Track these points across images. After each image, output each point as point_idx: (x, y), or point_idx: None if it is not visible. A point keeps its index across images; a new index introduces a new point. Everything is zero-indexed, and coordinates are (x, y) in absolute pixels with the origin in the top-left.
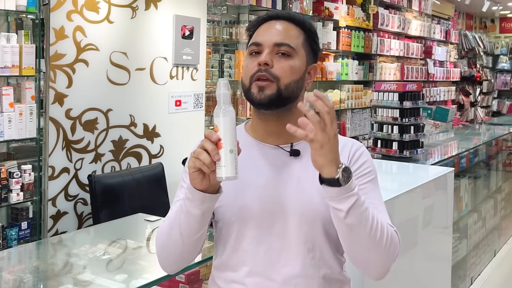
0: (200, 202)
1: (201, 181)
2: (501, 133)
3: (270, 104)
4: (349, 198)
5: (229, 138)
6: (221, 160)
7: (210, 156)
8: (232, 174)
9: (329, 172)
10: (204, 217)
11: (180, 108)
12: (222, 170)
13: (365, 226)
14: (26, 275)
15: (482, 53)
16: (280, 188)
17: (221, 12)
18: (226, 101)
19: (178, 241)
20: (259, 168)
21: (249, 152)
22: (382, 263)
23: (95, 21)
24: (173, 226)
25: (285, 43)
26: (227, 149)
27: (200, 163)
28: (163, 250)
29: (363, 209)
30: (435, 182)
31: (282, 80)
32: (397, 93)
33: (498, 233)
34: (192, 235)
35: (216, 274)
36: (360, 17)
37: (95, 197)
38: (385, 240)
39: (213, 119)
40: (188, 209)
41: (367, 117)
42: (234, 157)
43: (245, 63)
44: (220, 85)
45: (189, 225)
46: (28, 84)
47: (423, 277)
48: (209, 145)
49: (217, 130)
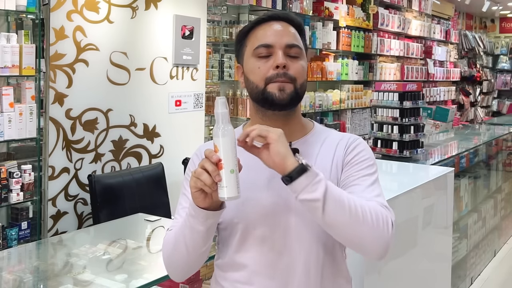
0: (203, 220)
1: (203, 200)
2: (501, 133)
3: (290, 103)
4: (320, 183)
5: (230, 158)
6: (222, 181)
7: (211, 177)
8: (234, 195)
9: (293, 160)
10: (209, 232)
11: (180, 108)
12: (224, 191)
13: (343, 211)
14: (26, 275)
15: (482, 53)
16: (282, 187)
17: (221, 12)
18: (224, 120)
19: (184, 254)
20: (260, 168)
21: (247, 152)
22: (375, 240)
23: (95, 21)
24: (178, 239)
25: (296, 44)
26: (228, 169)
27: (201, 183)
28: (170, 261)
29: (339, 197)
30: (435, 182)
31: (298, 81)
32: (397, 93)
33: (498, 233)
34: (198, 249)
35: (219, 274)
36: (360, 17)
37: (95, 197)
38: (369, 215)
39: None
40: (192, 225)
41: (367, 117)
42: (235, 176)
43: (254, 65)
44: (218, 104)
45: (193, 239)
46: (28, 84)
47: (423, 277)
48: (209, 166)
49: (217, 150)
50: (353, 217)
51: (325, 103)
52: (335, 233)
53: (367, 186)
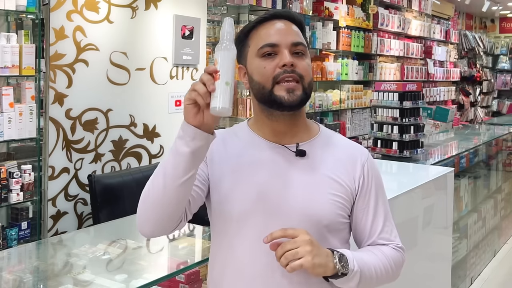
0: (190, 139)
1: (194, 116)
2: (501, 133)
3: (300, 104)
4: (354, 277)
5: (226, 71)
6: (216, 91)
7: (206, 87)
8: (225, 106)
9: (330, 271)
10: (193, 157)
11: (180, 108)
12: (216, 101)
13: (371, 281)
14: (26, 275)
15: (482, 53)
16: (284, 188)
17: (221, 12)
18: (229, 38)
19: (160, 186)
20: (263, 166)
21: (253, 148)
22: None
23: (95, 21)
24: (157, 172)
25: (300, 41)
26: (223, 81)
27: (195, 93)
28: (143, 202)
29: (368, 274)
30: (435, 182)
31: (305, 79)
32: (397, 93)
33: (498, 233)
34: (176, 178)
35: (215, 273)
36: (360, 17)
37: (95, 197)
38: (390, 274)
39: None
40: (177, 148)
41: (367, 117)
42: (230, 90)
43: (259, 65)
44: (225, 23)
45: (175, 165)
46: (28, 84)
47: (423, 277)
48: (205, 76)
49: (216, 63)
50: (379, 282)
51: (325, 103)
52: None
53: (384, 222)
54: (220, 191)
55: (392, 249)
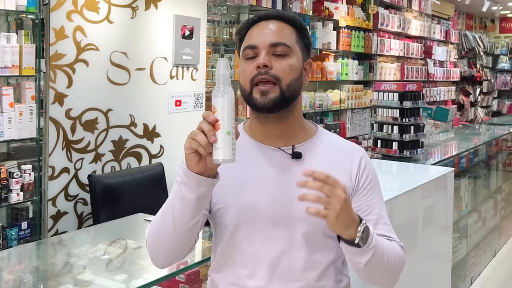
0: (195, 186)
1: (197, 163)
2: (501, 133)
3: (275, 107)
4: (367, 253)
5: (227, 120)
6: (217, 142)
7: (207, 137)
8: (229, 157)
9: (349, 235)
10: (199, 203)
11: (180, 108)
12: (219, 152)
13: (380, 265)
14: (26, 275)
15: (482, 53)
16: (282, 191)
17: (221, 12)
18: (225, 81)
19: (170, 228)
20: (260, 170)
21: (249, 153)
22: (392, 280)
23: (95, 21)
24: (166, 213)
25: (281, 42)
26: (224, 130)
27: (196, 144)
28: (154, 240)
29: (379, 255)
30: (435, 182)
31: (283, 81)
32: (397, 93)
33: (498, 233)
34: (185, 222)
35: (215, 276)
36: (360, 17)
37: (95, 197)
38: (395, 265)
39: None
40: (183, 194)
41: (367, 117)
42: (232, 139)
43: (241, 67)
44: (220, 65)
45: (182, 211)
46: (28, 84)
47: (423, 277)
48: (205, 125)
49: (215, 111)
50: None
51: (325, 103)
52: (364, 277)
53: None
54: (218, 199)
55: (397, 246)
